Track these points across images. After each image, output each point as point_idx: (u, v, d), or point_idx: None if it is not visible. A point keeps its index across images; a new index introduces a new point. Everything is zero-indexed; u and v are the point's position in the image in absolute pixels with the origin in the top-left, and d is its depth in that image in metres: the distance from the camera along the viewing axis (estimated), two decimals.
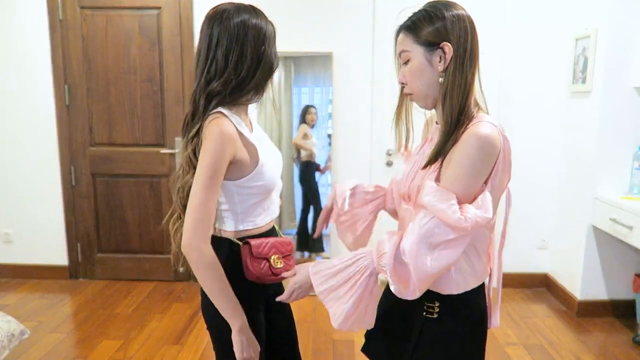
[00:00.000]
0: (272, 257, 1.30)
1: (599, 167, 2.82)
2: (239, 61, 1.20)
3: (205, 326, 1.37)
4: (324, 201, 3.47)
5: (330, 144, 3.36)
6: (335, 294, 1.12)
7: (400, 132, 1.27)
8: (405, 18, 1.15)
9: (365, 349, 1.39)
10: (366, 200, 1.42)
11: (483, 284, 1.21)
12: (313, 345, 2.62)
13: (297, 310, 1.54)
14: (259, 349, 1.27)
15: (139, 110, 3.32)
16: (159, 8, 3.21)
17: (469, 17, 1.11)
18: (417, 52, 1.11)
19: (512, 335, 2.73)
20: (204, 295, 1.28)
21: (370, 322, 1.18)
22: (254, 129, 1.35)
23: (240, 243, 1.29)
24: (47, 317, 2.94)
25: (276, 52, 1.28)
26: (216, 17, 1.22)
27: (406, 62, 1.15)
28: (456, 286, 1.15)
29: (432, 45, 1.10)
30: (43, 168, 3.41)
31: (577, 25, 3.00)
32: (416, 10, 1.15)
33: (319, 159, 3.48)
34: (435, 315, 1.17)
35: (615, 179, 2.82)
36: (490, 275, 1.25)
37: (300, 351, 1.55)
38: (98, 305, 3.12)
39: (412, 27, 1.12)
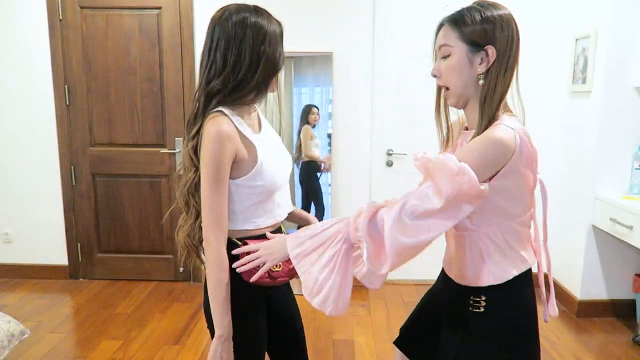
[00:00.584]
0: None
1: (599, 167, 2.82)
2: (237, 60, 1.21)
3: (205, 326, 1.36)
4: (326, 200, 3.47)
5: (330, 144, 3.36)
6: (308, 259, 1.09)
7: (442, 128, 1.25)
8: (452, 12, 1.13)
9: (398, 342, 1.34)
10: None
11: (529, 276, 1.19)
12: (313, 345, 2.62)
13: None
14: None
15: (139, 110, 3.32)
16: (159, 8, 3.21)
17: (515, 22, 1.09)
18: (459, 49, 1.09)
19: None
20: (206, 295, 1.28)
21: (343, 305, 1.10)
22: (263, 130, 1.35)
23: (240, 243, 1.29)
24: (47, 317, 2.94)
25: (281, 51, 1.27)
26: (217, 18, 1.24)
27: (445, 57, 1.12)
28: (494, 276, 1.14)
29: (476, 45, 1.07)
30: (43, 168, 3.41)
31: (577, 25, 3.00)
32: (464, 5, 1.12)
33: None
34: (482, 310, 1.15)
35: (615, 179, 2.82)
36: (539, 267, 1.24)
37: None
38: (98, 305, 3.12)
39: (459, 22, 1.09)
